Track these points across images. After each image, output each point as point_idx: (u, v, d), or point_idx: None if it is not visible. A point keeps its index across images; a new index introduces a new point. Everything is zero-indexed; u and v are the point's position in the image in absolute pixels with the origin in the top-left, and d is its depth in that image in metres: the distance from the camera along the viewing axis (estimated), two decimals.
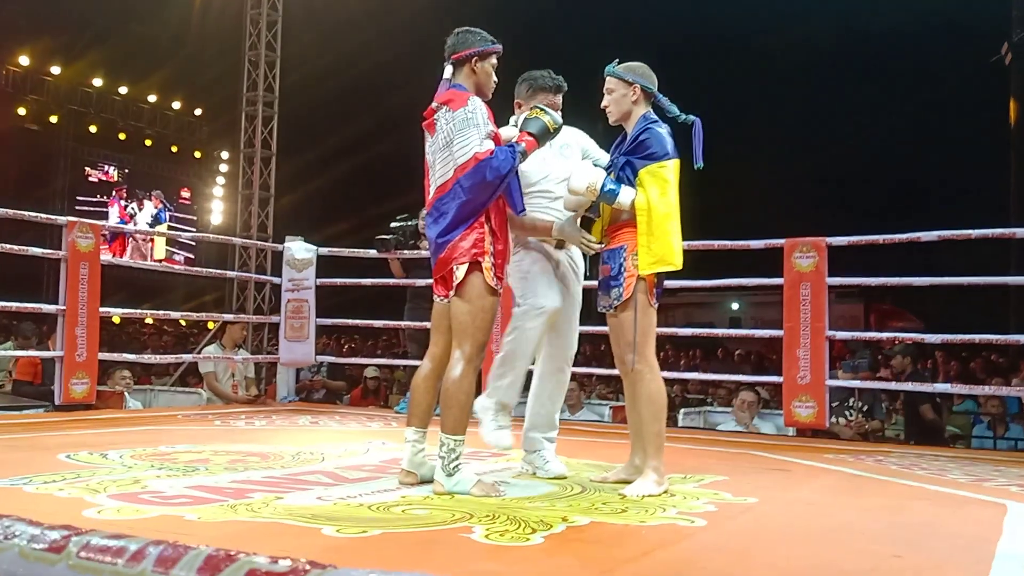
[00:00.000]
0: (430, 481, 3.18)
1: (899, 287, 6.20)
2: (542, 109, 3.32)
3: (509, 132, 3.40)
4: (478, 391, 3.37)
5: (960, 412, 7.62)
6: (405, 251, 6.52)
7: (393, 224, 6.38)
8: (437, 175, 3.22)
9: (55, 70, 21.06)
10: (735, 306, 27.25)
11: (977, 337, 5.80)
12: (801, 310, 5.66)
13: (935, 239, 5.53)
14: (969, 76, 18.59)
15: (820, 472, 4.15)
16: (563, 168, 3.60)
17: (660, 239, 3.25)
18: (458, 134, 3.13)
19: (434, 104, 3.25)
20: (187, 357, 8.84)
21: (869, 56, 20.64)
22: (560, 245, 3.68)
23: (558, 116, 3.33)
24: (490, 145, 3.13)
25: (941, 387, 6.18)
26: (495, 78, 3.37)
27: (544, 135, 3.27)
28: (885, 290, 20.21)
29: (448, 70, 3.29)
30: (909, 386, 5.82)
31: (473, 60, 3.27)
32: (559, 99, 3.67)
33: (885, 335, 6.43)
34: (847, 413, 6.18)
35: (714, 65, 20.26)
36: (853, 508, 3.25)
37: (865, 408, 6.19)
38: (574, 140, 3.73)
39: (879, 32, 19.55)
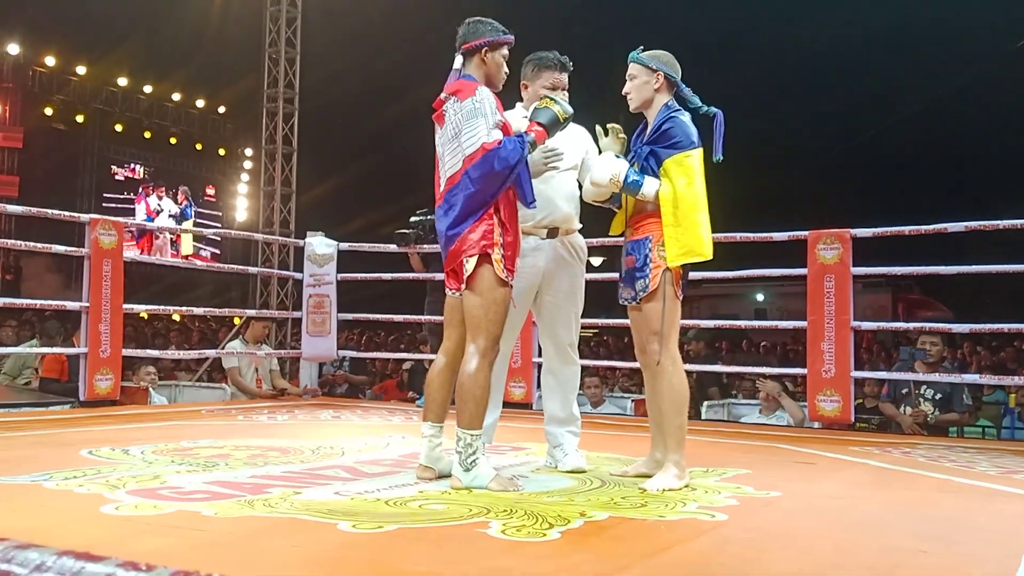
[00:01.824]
0: (448, 476, 3.17)
1: (928, 276, 6.08)
2: (552, 99, 3.28)
3: (520, 123, 3.37)
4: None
5: (990, 403, 7.51)
6: (424, 245, 6.51)
7: (412, 218, 6.34)
8: (446, 167, 3.19)
9: (81, 70, 21.25)
10: (760, 297, 27.09)
11: (1007, 326, 5.70)
12: (825, 302, 5.59)
13: (962, 230, 5.45)
14: (997, 63, 18.33)
15: (845, 465, 4.10)
16: (571, 150, 3.57)
17: (689, 229, 3.20)
18: (466, 124, 3.10)
19: (443, 95, 3.22)
20: (210, 352, 8.89)
21: (895, 45, 20.41)
22: (552, 234, 3.64)
23: (568, 106, 3.29)
24: (498, 135, 3.10)
25: (970, 377, 6.07)
26: (506, 69, 3.33)
27: (554, 125, 3.24)
28: (914, 279, 20.02)
29: (458, 60, 3.26)
30: (937, 376, 5.72)
31: (483, 51, 3.24)
32: (564, 78, 3.64)
33: (912, 325, 6.32)
34: (916, 401, 5.95)
35: (740, 54, 20.11)
36: (878, 502, 3.20)
37: (939, 397, 5.93)
38: (581, 144, 3.69)
39: (906, 22, 19.32)
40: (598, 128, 3.56)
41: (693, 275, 3.90)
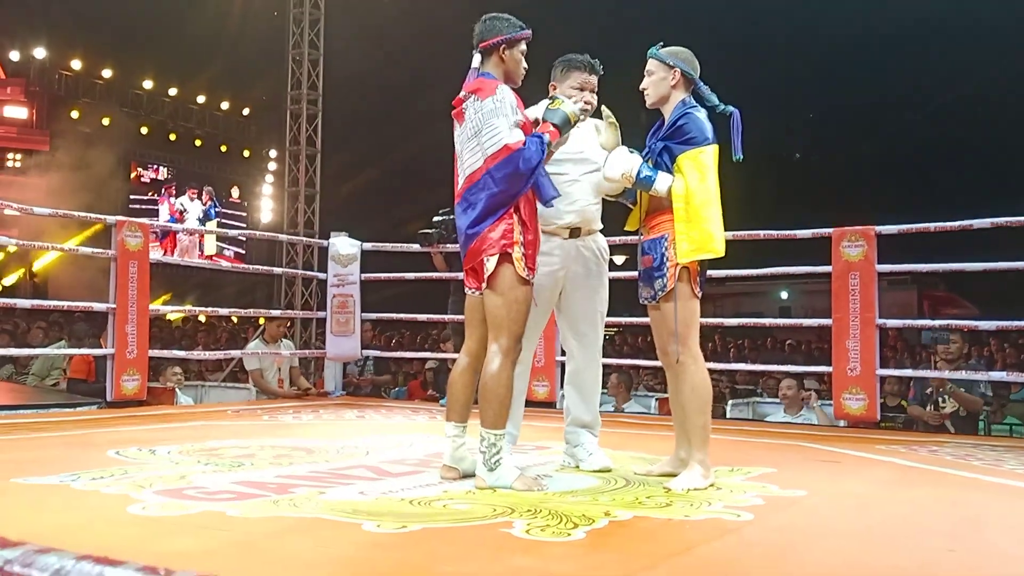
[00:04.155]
0: (472, 476, 3.17)
1: (954, 273, 6.01)
2: (562, 100, 3.28)
3: (536, 112, 3.35)
4: None
5: (1017, 400, 7.43)
6: (447, 245, 6.53)
7: (435, 218, 6.39)
8: (466, 164, 3.19)
9: (106, 73, 21.51)
10: (784, 295, 26.97)
11: None
12: (850, 300, 5.55)
13: (988, 226, 5.38)
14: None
15: (871, 463, 4.06)
16: (592, 149, 3.58)
17: (698, 226, 3.19)
18: (486, 123, 3.11)
19: (462, 93, 3.23)
20: (235, 353, 8.96)
21: (921, 39, 20.20)
22: (575, 234, 3.64)
23: (576, 107, 3.29)
24: (520, 135, 3.11)
25: (997, 375, 6.01)
26: (525, 64, 3.33)
27: (566, 125, 3.24)
28: (939, 276, 19.83)
29: (476, 58, 3.26)
30: (963, 374, 5.67)
31: (501, 48, 3.24)
32: (594, 80, 3.63)
33: (938, 322, 6.27)
34: (940, 398, 5.89)
35: (764, 48, 20.01)
36: (904, 501, 3.18)
37: (961, 389, 5.88)
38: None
39: (933, 15, 19.12)
40: (596, 123, 3.55)
41: (717, 273, 3.89)
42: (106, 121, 21.57)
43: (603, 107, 3.52)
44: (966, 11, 18.42)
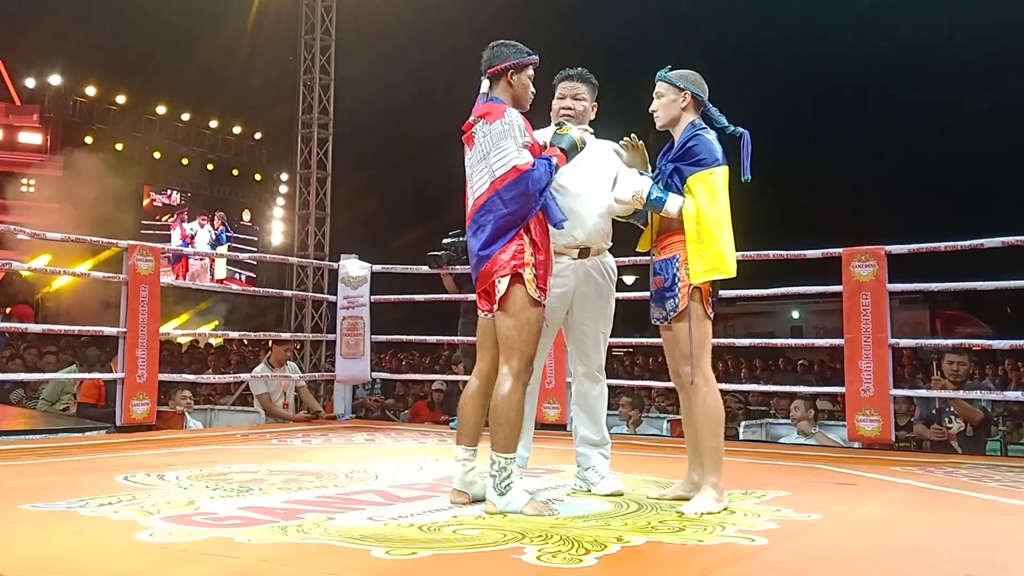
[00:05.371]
0: (482, 500, 3.14)
1: (966, 291, 5.95)
2: (570, 126, 3.31)
3: (542, 136, 3.36)
4: None
5: None
6: (457, 266, 6.52)
7: (445, 240, 6.37)
8: (475, 188, 3.20)
9: (120, 99, 21.71)
10: (796, 315, 26.87)
11: None
12: (862, 320, 5.50)
13: (999, 245, 5.34)
14: None
15: (887, 486, 4.02)
16: (602, 169, 3.60)
17: (711, 247, 3.18)
18: (495, 145, 3.12)
19: (471, 118, 3.24)
20: (245, 377, 8.95)
21: (928, 59, 20.21)
22: (583, 255, 3.64)
23: (580, 133, 3.31)
24: (529, 157, 3.12)
25: (1012, 394, 5.94)
26: (532, 89, 3.36)
27: (572, 150, 3.27)
28: (951, 295, 19.68)
29: (485, 84, 3.29)
30: (977, 394, 5.61)
31: (509, 73, 3.26)
32: (581, 87, 3.71)
33: (951, 341, 6.21)
34: (945, 418, 5.83)
35: (773, 69, 20.04)
36: (922, 524, 3.14)
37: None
38: (612, 164, 3.68)
39: (939, 36, 19.13)
40: (616, 147, 3.56)
41: (728, 293, 3.86)
42: (119, 146, 21.75)
43: (626, 139, 3.54)
44: (975, 29, 18.43)
